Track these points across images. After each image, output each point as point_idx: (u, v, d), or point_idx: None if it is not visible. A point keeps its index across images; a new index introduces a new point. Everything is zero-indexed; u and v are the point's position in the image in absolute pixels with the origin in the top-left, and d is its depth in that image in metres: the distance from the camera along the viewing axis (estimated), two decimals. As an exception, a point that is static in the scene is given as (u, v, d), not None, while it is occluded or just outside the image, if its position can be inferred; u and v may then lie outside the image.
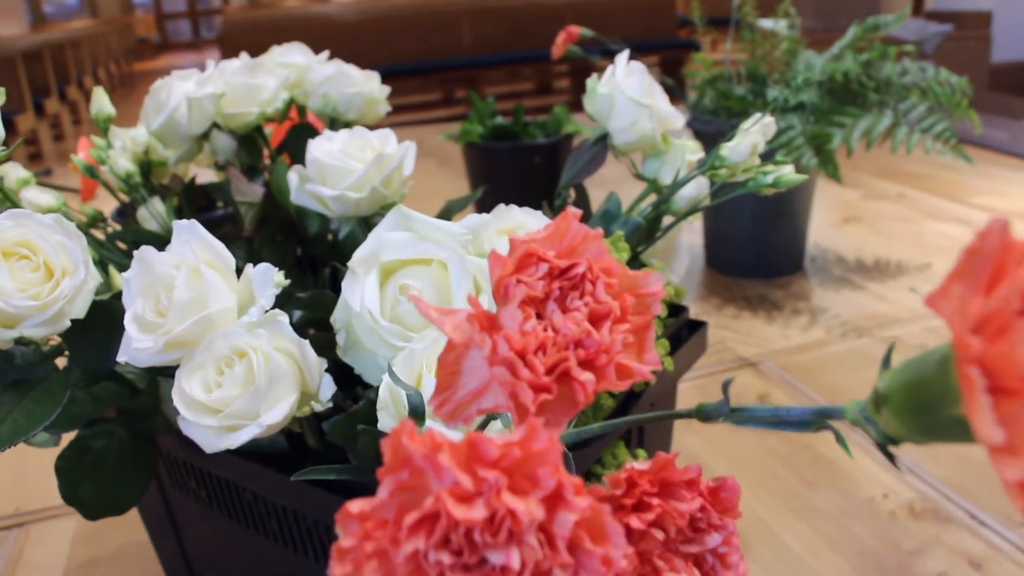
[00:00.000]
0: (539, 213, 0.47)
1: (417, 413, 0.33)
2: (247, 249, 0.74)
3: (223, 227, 0.80)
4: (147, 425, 0.57)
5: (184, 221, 0.46)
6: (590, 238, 0.25)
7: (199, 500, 0.64)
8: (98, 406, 0.58)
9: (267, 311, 0.45)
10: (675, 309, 0.68)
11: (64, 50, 4.80)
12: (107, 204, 0.82)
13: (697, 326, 0.68)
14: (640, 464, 0.27)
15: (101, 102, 0.73)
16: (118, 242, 0.75)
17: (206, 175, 0.85)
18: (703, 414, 0.28)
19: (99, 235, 0.76)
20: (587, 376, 0.23)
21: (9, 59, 3.59)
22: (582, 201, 0.71)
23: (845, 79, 1.33)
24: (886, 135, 1.22)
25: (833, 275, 1.38)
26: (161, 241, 0.72)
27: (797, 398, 1.02)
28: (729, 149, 0.62)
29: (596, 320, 0.24)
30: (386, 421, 0.39)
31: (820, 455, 0.90)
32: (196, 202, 0.79)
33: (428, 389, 0.39)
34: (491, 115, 1.59)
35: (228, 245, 0.75)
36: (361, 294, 0.43)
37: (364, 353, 0.44)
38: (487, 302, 0.43)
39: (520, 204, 1.42)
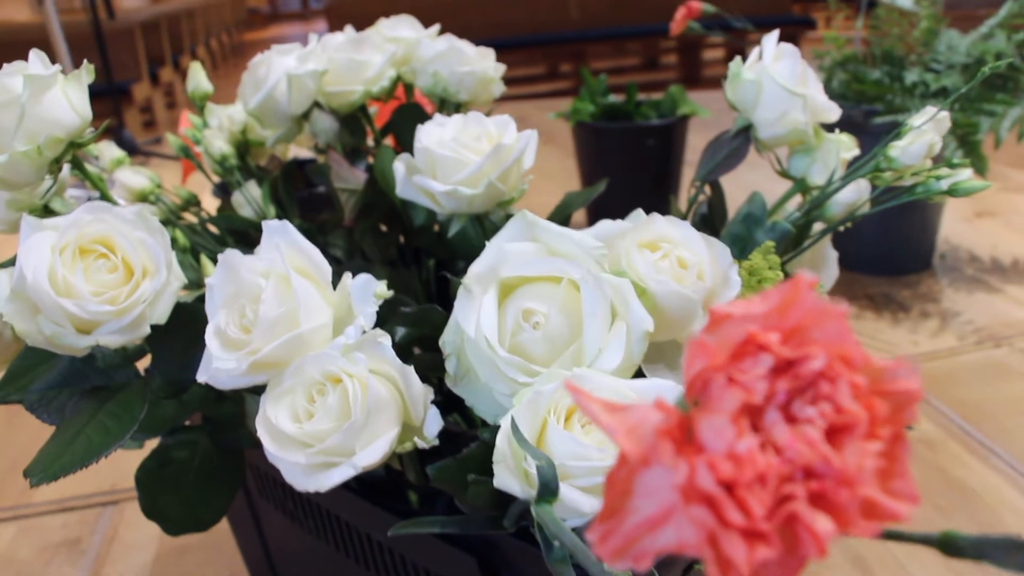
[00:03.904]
0: (686, 224, 0.40)
1: (549, 488, 0.26)
2: (347, 239, 0.69)
3: (322, 211, 0.74)
4: (233, 437, 0.52)
5: (275, 221, 0.40)
6: (828, 316, 0.17)
7: (286, 512, 0.59)
8: (183, 411, 0.53)
9: (366, 331, 0.38)
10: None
11: (179, 21, 4.90)
12: (207, 182, 0.78)
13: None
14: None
15: (198, 78, 0.68)
16: (211, 227, 0.70)
17: (306, 149, 0.81)
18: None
19: (192, 219, 0.71)
20: (823, 523, 0.16)
21: (128, 30, 3.67)
22: (718, 201, 0.62)
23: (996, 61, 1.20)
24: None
25: (966, 275, 1.26)
26: (256, 229, 0.67)
27: (927, 412, 0.92)
28: (899, 150, 0.53)
29: (836, 436, 0.17)
30: (504, 477, 0.33)
31: (956, 480, 0.80)
32: (295, 184, 0.74)
33: (556, 444, 0.32)
34: (603, 93, 1.51)
35: (326, 234, 0.70)
36: (477, 317, 0.36)
37: (478, 385, 0.38)
38: (625, 335, 0.35)
39: (631, 188, 1.32)
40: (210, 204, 0.77)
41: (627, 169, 1.47)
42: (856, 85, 1.25)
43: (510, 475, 0.33)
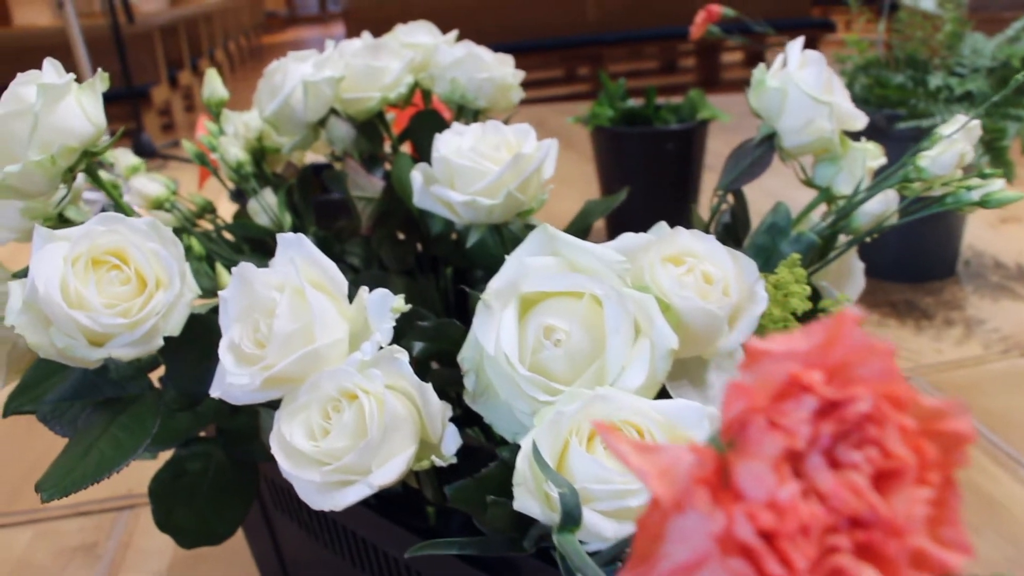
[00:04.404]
0: (711, 238, 0.38)
1: (572, 517, 0.25)
2: (364, 247, 0.68)
3: (339, 218, 0.74)
4: (247, 449, 0.51)
5: (290, 235, 0.39)
6: (873, 352, 0.16)
7: (301, 524, 0.58)
8: (197, 423, 0.52)
9: (383, 347, 0.37)
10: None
11: (198, 24, 4.92)
12: (224, 187, 0.77)
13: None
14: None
15: (213, 85, 0.67)
16: (227, 234, 0.70)
17: (322, 155, 0.80)
18: None
19: (208, 226, 0.71)
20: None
21: (147, 34, 3.69)
22: (741, 210, 0.61)
23: (1022, 65, 1.18)
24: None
25: (990, 282, 1.24)
26: (272, 237, 0.66)
27: (952, 423, 0.90)
28: (929, 160, 0.52)
29: (883, 482, 0.16)
30: (524, 500, 0.32)
31: (983, 493, 0.78)
32: (312, 190, 0.73)
33: (578, 466, 0.31)
34: (622, 97, 1.49)
35: (343, 242, 0.70)
36: (496, 334, 0.35)
37: (497, 402, 0.37)
38: (649, 353, 0.34)
39: (650, 193, 1.30)
40: (227, 209, 0.77)
41: (646, 174, 1.46)
42: (879, 90, 1.23)
43: (531, 498, 0.32)
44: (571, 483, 0.31)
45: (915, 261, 1.27)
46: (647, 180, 1.47)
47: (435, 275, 0.72)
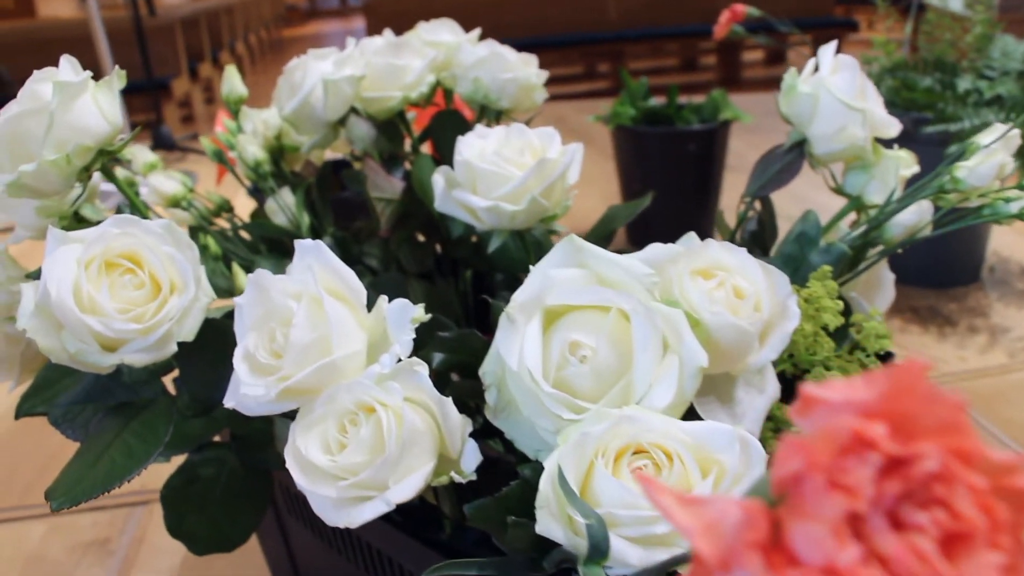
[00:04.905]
0: (743, 251, 0.37)
1: (599, 549, 0.24)
2: (382, 248, 0.67)
3: (357, 217, 0.72)
4: (261, 456, 0.50)
5: (309, 241, 0.38)
6: (940, 403, 0.15)
7: (315, 531, 0.57)
8: (211, 428, 0.51)
9: (402, 359, 0.36)
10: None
11: (219, 17, 4.92)
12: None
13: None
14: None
15: (232, 82, 0.66)
16: (244, 234, 0.69)
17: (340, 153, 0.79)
18: None
19: (224, 224, 0.70)
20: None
21: (169, 26, 3.70)
22: (769, 217, 0.60)
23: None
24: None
25: (1016, 289, 1.22)
26: (290, 237, 0.65)
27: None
28: (967, 171, 0.50)
29: (951, 546, 0.14)
30: (547, 523, 0.30)
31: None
32: (330, 187, 0.72)
33: (603, 490, 0.30)
34: (644, 96, 1.47)
35: (361, 243, 0.69)
36: (520, 349, 0.34)
37: (519, 418, 0.35)
38: (678, 370, 0.33)
39: (672, 194, 1.29)
40: (245, 204, 0.76)
41: (667, 174, 1.44)
42: (905, 93, 1.21)
43: (554, 521, 0.30)
44: (596, 508, 0.29)
45: (939, 266, 1.25)
46: (668, 180, 1.45)
47: (454, 277, 0.71)
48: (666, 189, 1.45)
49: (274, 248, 0.67)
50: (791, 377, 0.46)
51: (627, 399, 0.33)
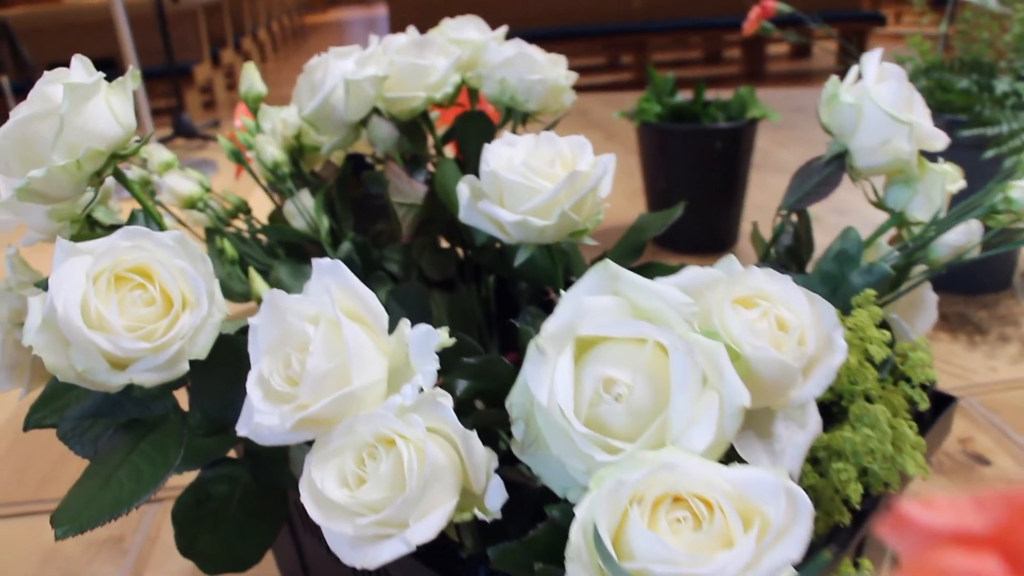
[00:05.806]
0: (786, 279, 0.35)
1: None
2: (403, 254, 0.65)
3: (378, 219, 0.70)
4: (275, 473, 0.48)
5: (326, 260, 0.36)
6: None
7: (330, 551, 0.55)
8: (224, 444, 0.49)
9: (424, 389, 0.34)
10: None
11: (241, 3, 4.92)
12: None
13: (945, 402, 0.54)
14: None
15: (251, 79, 0.64)
16: (261, 236, 0.67)
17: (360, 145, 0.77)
18: None
19: (242, 225, 0.68)
20: None
21: (191, 12, 3.70)
22: (805, 231, 0.57)
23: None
24: None
25: (1048, 297, 1.19)
26: (308, 241, 0.63)
27: (1006, 446, 0.85)
28: (1021, 191, 0.47)
29: None
30: (577, 575, 0.28)
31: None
32: (351, 188, 0.70)
33: (638, 543, 0.28)
34: (670, 92, 1.44)
35: (381, 247, 0.66)
36: (550, 383, 0.32)
37: (548, 455, 0.33)
38: (718, 410, 0.31)
39: (697, 193, 1.26)
40: (262, 201, 0.74)
41: (693, 172, 1.41)
42: (940, 94, 1.17)
43: (585, 574, 0.28)
44: (630, 561, 0.27)
45: (968, 272, 1.21)
46: (693, 179, 1.42)
47: (477, 283, 0.69)
48: (691, 187, 1.43)
49: (292, 252, 0.65)
50: (828, 404, 0.44)
51: (663, 439, 0.31)
